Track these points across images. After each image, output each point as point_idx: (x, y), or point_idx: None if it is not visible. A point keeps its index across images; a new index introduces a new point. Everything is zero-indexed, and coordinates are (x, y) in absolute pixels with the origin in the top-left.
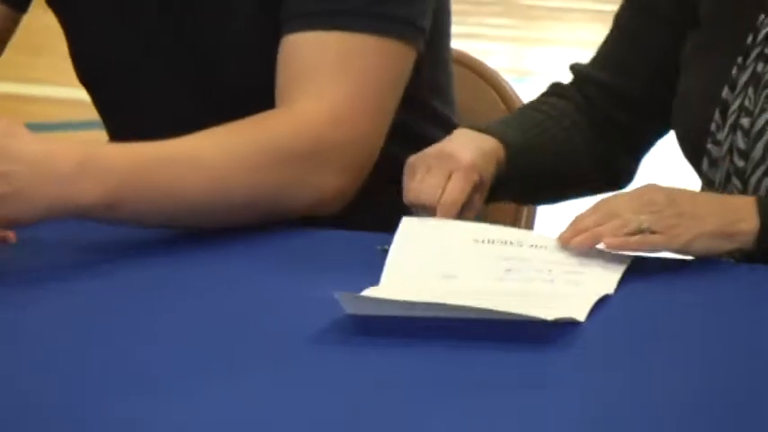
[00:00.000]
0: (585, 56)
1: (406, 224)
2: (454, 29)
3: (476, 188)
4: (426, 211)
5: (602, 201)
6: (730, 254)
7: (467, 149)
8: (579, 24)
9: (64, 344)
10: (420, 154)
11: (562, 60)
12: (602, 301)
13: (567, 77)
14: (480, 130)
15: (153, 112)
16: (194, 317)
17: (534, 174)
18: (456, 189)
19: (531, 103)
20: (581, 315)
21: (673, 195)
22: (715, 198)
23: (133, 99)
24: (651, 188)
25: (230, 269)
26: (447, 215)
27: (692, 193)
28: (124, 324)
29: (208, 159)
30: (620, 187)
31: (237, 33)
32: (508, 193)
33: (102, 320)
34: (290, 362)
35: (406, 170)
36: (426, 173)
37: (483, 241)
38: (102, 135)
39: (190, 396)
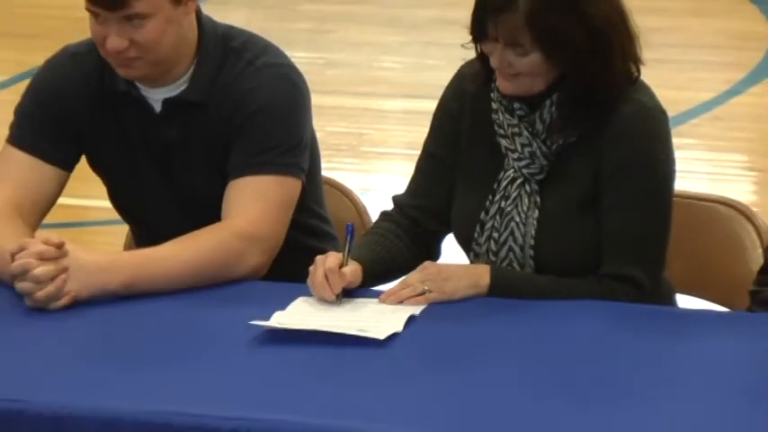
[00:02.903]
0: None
1: (301, 299)
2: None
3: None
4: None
5: (404, 278)
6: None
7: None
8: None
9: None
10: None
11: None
12: (395, 334)
13: (394, 191)
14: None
15: (156, 224)
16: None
17: (381, 273)
18: (329, 266)
19: (373, 227)
20: (383, 334)
21: (440, 268)
22: (467, 267)
23: (145, 218)
24: (429, 265)
25: (191, 303)
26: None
27: (453, 265)
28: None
29: (183, 255)
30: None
31: (208, 185)
32: (369, 282)
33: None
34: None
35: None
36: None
37: (342, 302)
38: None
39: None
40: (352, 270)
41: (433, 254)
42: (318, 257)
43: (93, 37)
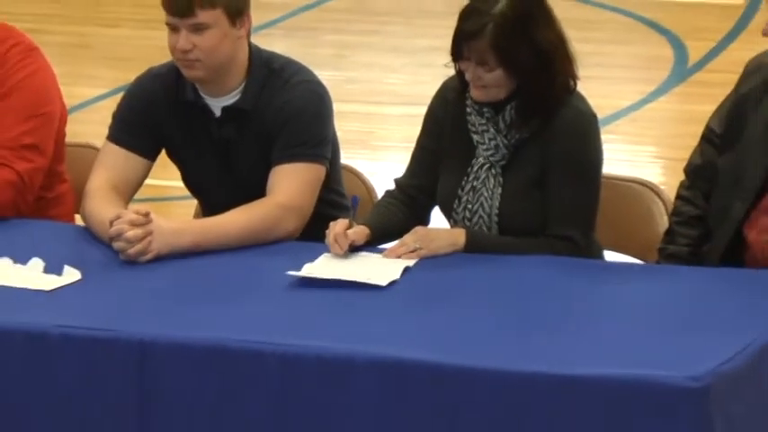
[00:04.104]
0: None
1: (325, 254)
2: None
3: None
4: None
5: (400, 239)
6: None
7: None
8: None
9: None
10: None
11: (392, 169)
12: (394, 280)
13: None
14: (363, 223)
15: (216, 199)
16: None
17: (385, 235)
18: (337, 230)
19: (379, 201)
20: (385, 281)
21: (428, 231)
22: (448, 230)
23: (208, 195)
24: (419, 229)
25: (242, 256)
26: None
27: (437, 229)
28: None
29: (238, 222)
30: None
31: (256, 170)
32: (375, 242)
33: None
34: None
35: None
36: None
37: (353, 256)
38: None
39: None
40: (356, 231)
41: (424, 221)
42: (331, 223)
43: (168, 46)
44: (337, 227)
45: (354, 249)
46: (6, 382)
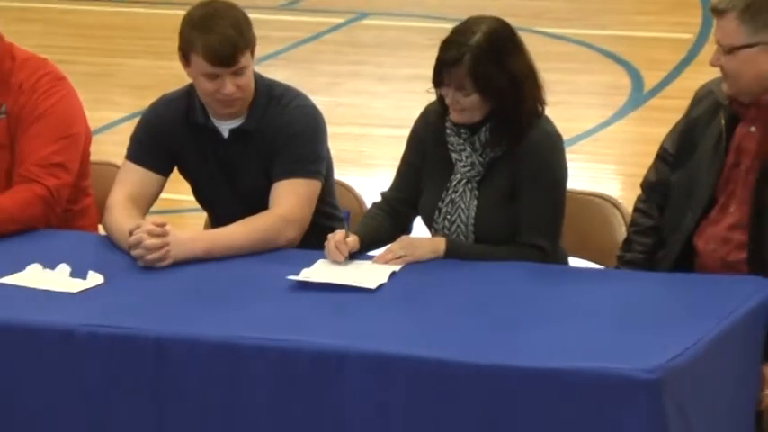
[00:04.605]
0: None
1: (321, 260)
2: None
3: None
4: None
5: (387, 247)
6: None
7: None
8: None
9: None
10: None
11: (379, 183)
12: (382, 283)
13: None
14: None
15: (224, 212)
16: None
17: (373, 243)
18: (337, 239)
19: (367, 212)
20: (374, 284)
21: (412, 239)
22: (430, 239)
23: (217, 208)
24: (404, 237)
25: (248, 262)
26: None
27: (420, 238)
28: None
29: (243, 231)
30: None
31: (259, 186)
32: (364, 249)
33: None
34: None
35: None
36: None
37: (348, 262)
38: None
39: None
40: (353, 240)
41: (406, 229)
42: (330, 234)
43: (203, 92)
44: (337, 236)
45: (349, 256)
46: (38, 374)
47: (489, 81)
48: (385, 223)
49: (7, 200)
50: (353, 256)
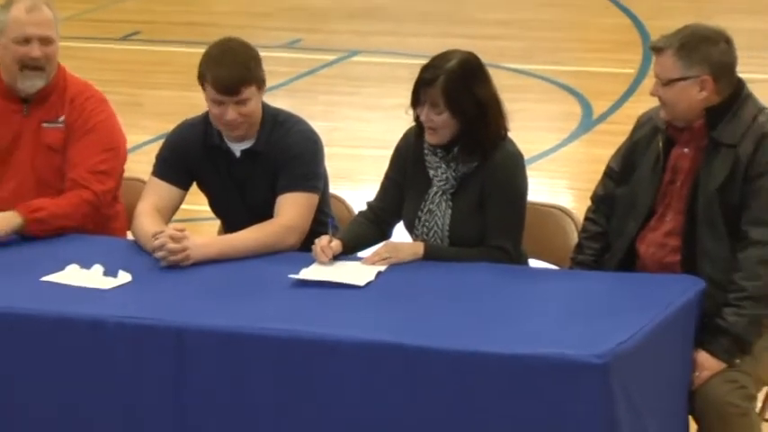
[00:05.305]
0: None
1: (314, 264)
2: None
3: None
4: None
5: (374, 250)
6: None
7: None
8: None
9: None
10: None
11: (367, 195)
12: (370, 281)
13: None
14: (339, 237)
15: (235, 220)
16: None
17: (358, 246)
18: (322, 244)
19: (353, 219)
20: (363, 282)
21: (395, 244)
22: (411, 243)
23: (229, 217)
24: (389, 242)
25: (255, 263)
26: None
27: (402, 242)
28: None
29: (252, 237)
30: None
31: (265, 198)
32: (350, 252)
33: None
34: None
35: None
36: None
37: (338, 262)
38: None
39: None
40: (336, 244)
41: (387, 236)
42: (316, 240)
43: (212, 115)
44: (323, 241)
45: (337, 258)
46: (72, 359)
47: (459, 101)
48: (368, 229)
49: (65, 202)
50: (345, 257)
